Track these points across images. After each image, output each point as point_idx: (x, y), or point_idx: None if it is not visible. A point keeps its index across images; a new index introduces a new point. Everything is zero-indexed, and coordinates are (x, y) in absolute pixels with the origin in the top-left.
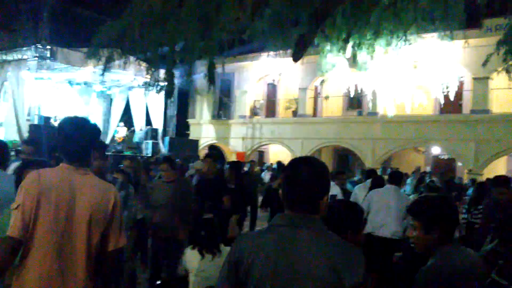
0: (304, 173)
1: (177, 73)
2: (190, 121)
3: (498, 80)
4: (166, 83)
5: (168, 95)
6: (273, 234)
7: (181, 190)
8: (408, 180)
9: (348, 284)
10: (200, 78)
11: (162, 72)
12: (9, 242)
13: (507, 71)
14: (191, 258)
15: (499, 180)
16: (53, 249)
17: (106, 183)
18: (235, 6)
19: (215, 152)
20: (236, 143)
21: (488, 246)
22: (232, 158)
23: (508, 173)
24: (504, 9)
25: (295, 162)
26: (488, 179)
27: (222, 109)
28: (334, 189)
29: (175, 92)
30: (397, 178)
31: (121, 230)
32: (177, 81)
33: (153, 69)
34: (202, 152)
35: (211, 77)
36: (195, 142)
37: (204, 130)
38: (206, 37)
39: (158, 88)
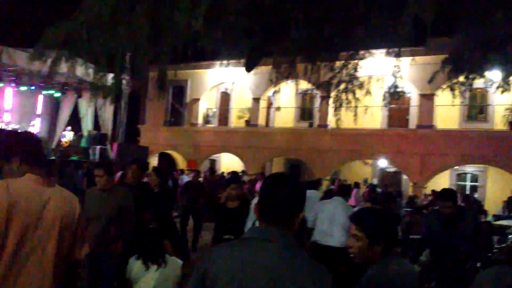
0: (285, 189)
1: (128, 78)
2: (140, 127)
3: (443, 97)
4: (114, 89)
5: (115, 101)
6: (243, 246)
7: (117, 200)
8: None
9: None
10: (152, 83)
11: (111, 76)
12: None
13: (451, 89)
14: (135, 268)
15: (445, 194)
16: (24, 259)
17: (70, 193)
18: (188, 13)
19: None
20: (187, 151)
21: (425, 258)
22: (183, 165)
23: (451, 187)
24: (449, 30)
25: (275, 177)
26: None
27: (174, 115)
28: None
29: (126, 97)
30: (346, 190)
31: (84, 239)
32: (128, 86)
33: (101, 74)
34: (152, 159)
35: (161, 84)
36: (145, 149)
37: (155, 137)
38: (157, 43)
39: (106, 93)
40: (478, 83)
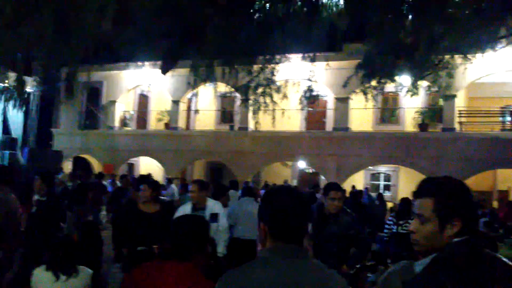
0: (298, 205)
1: (38, 79)
2: (53, 130)
3: (357, 100)
4: (17, 91)
5: (21, 104)
6: (272, 268)
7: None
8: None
9: None
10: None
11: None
12: None
13: (364, 93)
14: (43, 279)
15: (335, 184)
16: None
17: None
18: (95, 12)
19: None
20: (104, 155)
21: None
22: (100, 170)
23: (366, 185)
24: (362, 36)
25: (284, 192)
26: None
27: (90, 118)
28: (217, 207)
29: (37, 99)
30: (250, 191)
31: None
32: (38, 87)
33: (1, 75)
34: (67, 164)
35: (69, 87)
36: (59, 153)
37: (69, 141)
38: (65, 43)
39: (7, 96)
40: (390, 87)
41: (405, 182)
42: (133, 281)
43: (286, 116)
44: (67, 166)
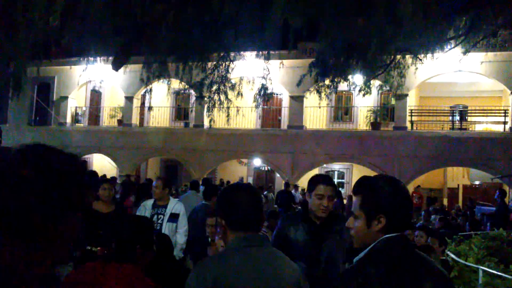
0: (259, 198)
1: None
2: (2, 126)
3: (312, 99)
4: None
5: None
6: (243, 255)
7: None
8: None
9: None
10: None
11: None
12: None
13: (318, 91)
14: None
15: (320, 178)
16: None
17: None
18: (43, 7)
19: None
20: None
21: None
22: None
23: None
24: (317, 35)
25: (238, 188)
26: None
27: (40, 114)
28: (179, 207)
29: None
30: (196, 185)
31: None
32: None
33: None
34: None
35: (16, 83)
36: (8, 150)
37: (19, 137)
38: (12, 38)
39: None
40: (343, 86)
41: None
42: (71, 283)
43: (241, 114)
44: None
